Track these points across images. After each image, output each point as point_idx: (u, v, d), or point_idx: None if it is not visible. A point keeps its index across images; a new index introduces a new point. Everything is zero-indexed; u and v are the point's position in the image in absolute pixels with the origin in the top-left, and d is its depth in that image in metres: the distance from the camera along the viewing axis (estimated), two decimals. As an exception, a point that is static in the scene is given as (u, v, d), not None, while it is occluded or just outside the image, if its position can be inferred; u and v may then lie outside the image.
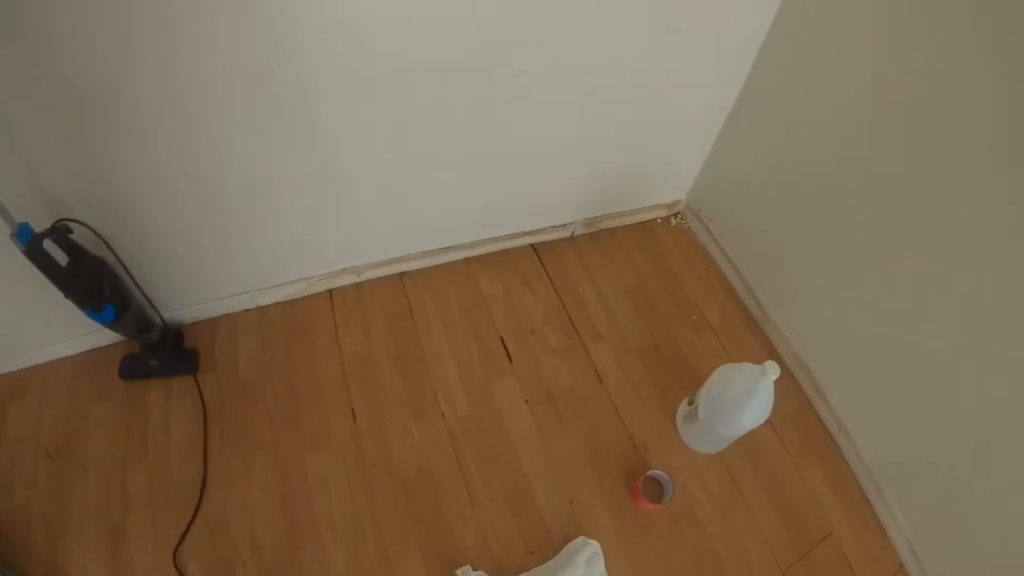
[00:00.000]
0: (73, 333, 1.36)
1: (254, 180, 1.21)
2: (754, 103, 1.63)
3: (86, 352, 1.41)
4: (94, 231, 1.08)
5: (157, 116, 1.01)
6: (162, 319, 1.34)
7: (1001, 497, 1.22)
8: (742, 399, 1.30)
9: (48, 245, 1.00)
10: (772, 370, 1.23)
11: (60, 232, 1.02)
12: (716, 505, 1.44)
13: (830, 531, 1.46)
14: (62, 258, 1.05)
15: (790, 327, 1.71)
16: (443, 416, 1.43)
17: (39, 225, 0.99)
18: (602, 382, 1.56)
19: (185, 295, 1.42)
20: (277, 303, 1.55)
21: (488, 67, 1.20)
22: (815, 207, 1.53)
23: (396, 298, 1.62)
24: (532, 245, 1.80)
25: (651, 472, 1.40)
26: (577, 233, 1.86)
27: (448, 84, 1.19)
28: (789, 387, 1.68)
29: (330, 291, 1.60)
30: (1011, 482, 1.19)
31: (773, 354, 1.74)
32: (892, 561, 1.46)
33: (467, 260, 1.72)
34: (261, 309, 1.54)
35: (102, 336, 1.38)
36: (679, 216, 2.03)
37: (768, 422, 1.51)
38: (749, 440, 1.49)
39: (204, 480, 1.28)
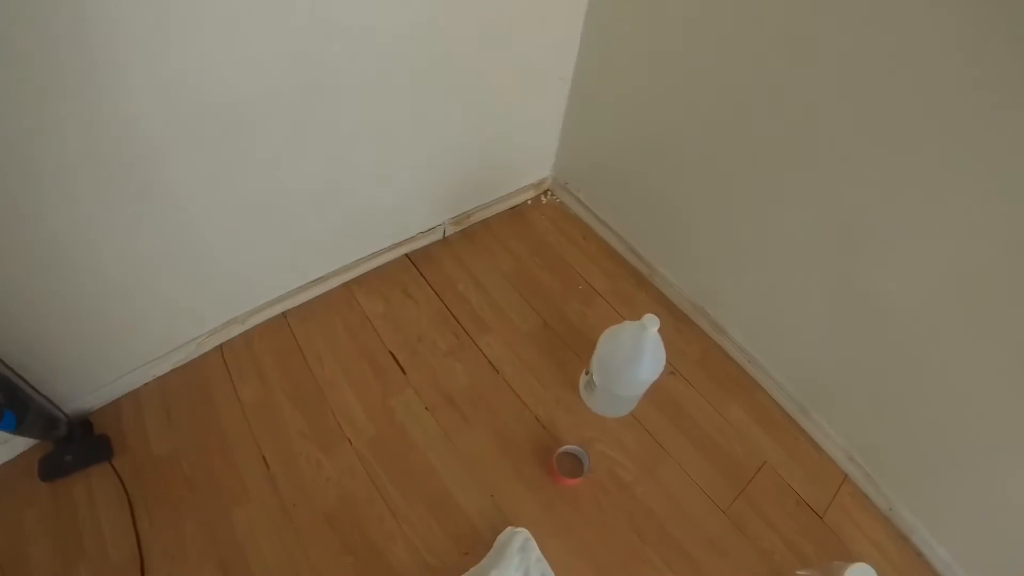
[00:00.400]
0: None
1: (117, 257, 1.22)
2: (592, 66, 1.69)
3: (2, 465, 1.39)
4: None
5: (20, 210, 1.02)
6: (65, 414, 1.34)
7: (921, 382, 1.28)
8: (632, 357, 1.36)
9: None
10: (651, 323, 1.29)
11: None
12: (639, 464, 1.50)
13: (763, 461, 1.54)
14: None
15: (678, 275, 1.80)
16: (350, 442, 1.46)
17: None
18: (498, 372, 1.62)
19: (83, 384, 1.41)
20: (173, 369, 1.55)
21: (314, 90, 1.23)
22: (674, 154, 1.59)
23: (283, 338, 1.64)
24: (406, 254, 1.85)
25: (564, 448, 1.45)
26: (448, 232, 1.90)
27: (281, 116, 1.22)
28: (690, 333, 1.78)
29: (220, 346, 1.61)
30: (926, 369, 1.26)
31: (667, 304, 1.83)
32: (835, 473, 1.56)
33: (345, 284, 1.75)
34: (159, 380, 1.54)
35: (14, 445, 1.36)
36: (548, 192, 2.10)
37: (676, 372, 1.63)
38: (659, 393, 1.58)
39: (141, 561, 1.28)
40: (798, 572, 1.37)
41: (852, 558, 1.22)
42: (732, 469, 1.52)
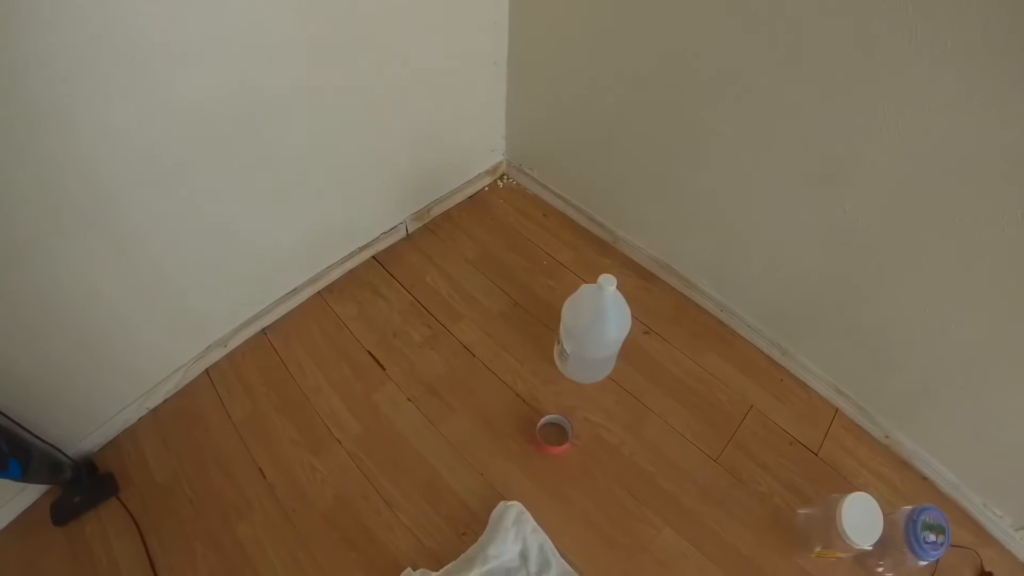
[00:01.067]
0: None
1: (95, 302, 1.31)
2: (523, 46, 1.77)
3: (17, 517, 1.46)
4: None
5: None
6: (69, 458, 1.41)
7: (895, 301, 1.31)
8: (595, 320, 1.43)
9: None
10: (607, 282, 1.35)
11: None
12: (624, 425, 1.56)
13: (750, 406, 1.60)
14: None
15: (640, 236, 1.87)
16: (339, 442, 1.54)
17: None
18: (474, 356, 1.70)
19: (81, 427, 1.49)
20: (165, 400, 1.63)
21: (255, 113, 1.31)
22: (616, 119, 1.65)
23: (265, 353, 1.72)
24: (373, 256, 1.92)
25: (545, 418, 1.53)
26: (411, 229, 1.98)
27: (227, 142, 1.30)
28: (659, 291, 1.86)
29: (207, 370, 1.69)
30: (895, 286, 1.29)
31: (633, 266, 1.91)
32: (824, 409, 1.61)
33: (318, 293, 1.83)
34: (152, 412, 1.62)
35: (26, 495, 1.44)
36: (505, 176, 2.17)
37: (650, 330, 1.70)
38: (636, 353, 1.66)
39: (158, 588, 1.37)
40: (799, 511, 1.42)
41: (854, 490, 1.25)
42: (718, 418, 1.57)
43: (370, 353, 1.70)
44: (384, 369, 1.67)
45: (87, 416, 1.49)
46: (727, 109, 1.36)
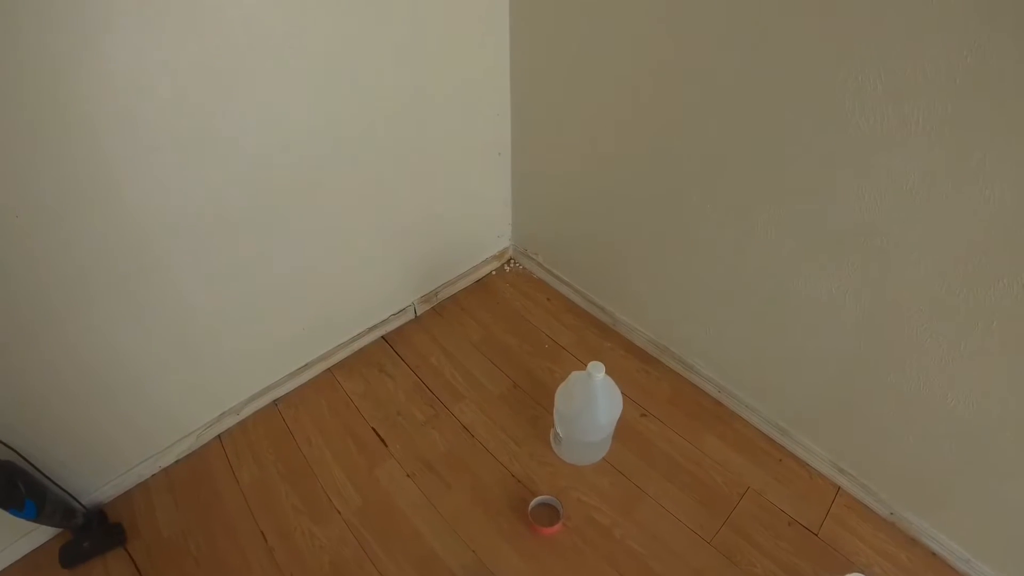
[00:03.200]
0: (9, 541, 1.59)
1: (123, 364, 1.53)
2: (526, 137, 2.01)
3: (27, 554, 1.63)
4: (5, 444, 1.35)
5: (21, 330, 1.32)
6: (82, 505, 1.59)
7: (894, 381, 1.39)
8: (586, 405, 1.57)
9: None
10: (596, 369, 1.51)
11: None
12: (617, 507, 1.66)
13: (747, 487, 1.69)
14: None
15: (638, 319, 2.04)
16: (339, 512, 1.69)
17: None
18: (473, 436, 1.86)
19: (97, 478, 1.68)
20: (177, 460, 1.82)
21: (280, 195, 1.57)
22: (617, 207, 1.84)
23: (275, 423, 1.91)
24: (382, 336, 2.13)
25: (537, 499, 1.65)
26: (419, 311, 2.19)
27: (250, 230, 1.56)
28: (658, 373, 2.01)
29: (219, 435, 1.88)
30: (895, 368, 1.37)
31: (632, 349, 2.08)
32: (826, 488, 1.69)
33: (328, 369, 2.04)
34: (165, 470, 1.80)
35: (37, 535, 1.62)
36: (511, 261, 2.39)
37: (647, 413, 1.83)
38: (631, 436, 1.80)
39: (156, 637, 1.52)
40: None
41: (856, 571, 1.31)
42: (714, 500, 1.66)
43: (374, 430, 1.88)
44: (386, 445, 1.84)
45: (103, 468, 1.68)
46: (718, 194, 1.53)
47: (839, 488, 1.68)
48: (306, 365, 1.97)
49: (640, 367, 2.03)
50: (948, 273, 1.17)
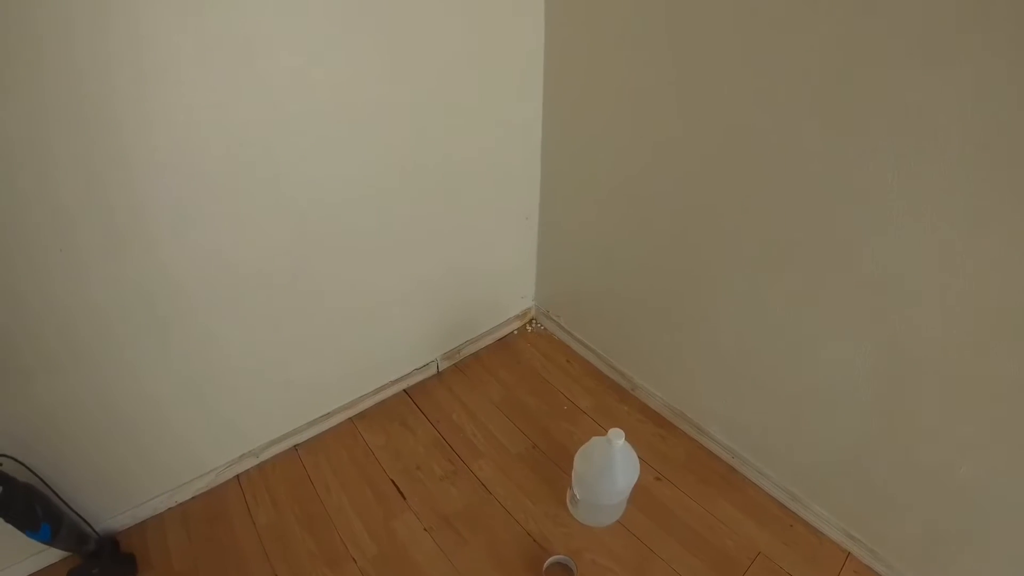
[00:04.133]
0: (18, 559, 1.62)
1: (149, 400, 1.60)
2: (554, 203, 2.11)
3: (35, 573, 1.66)
4: (22, 463, 1.41)
5: (51, 358, 1.39)
6: (96, 531, 1.63)
7: (903, 449, 1.43)
8: (605, 469, 1.62)
9: None
10: (616, 436, 1.56)
11: None
12: (630, 569, 1.68)
13: (757, 552, 1.71)
14: None
15: (656, 384, 2.09)
16: (354, 560, 1.72)
17: None
18: (491, 493, 1.89)
19: (113, 507, 1.72)
20: (194, 496, 1.87)
21: (309, 255, 1.68)
22: (641, 273, 1.92)
23: (294, 468, 1.96)
24: (404, 390, 2.20)
25: (551, 559, 1.68)
26: (442, 367, 2.26)
27: (283, 285, 1.66)
28: (673, 438, 2.05)
29: (237, 476, 1.93)
30: (908, 442, 1.42)
31: (649, 414, 2.12)
32: (835, 553, 1.71)
33: (349, 419, 2.09)
34: (181, 505, 1.85)
35: (47, 555, 1.65)
36: (533, 321, 2.47)
37: (661, 477, 1.87)
38: (646, 499, 1.83)
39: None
40: None
41: None
42: (724, 564, 1.68)
43: (393, 481, 1.92)
44: (405, 498, 1.88)
45: (120, 497, 1.74)
46: (737, 266, 1.60)
47: (848, 554, 1.70)
48: (328, 414, 2.03)
49: (656, 431, 2.08)
50: (965, 347, 1.23)
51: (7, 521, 1.34)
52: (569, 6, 1.71)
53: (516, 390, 2.22)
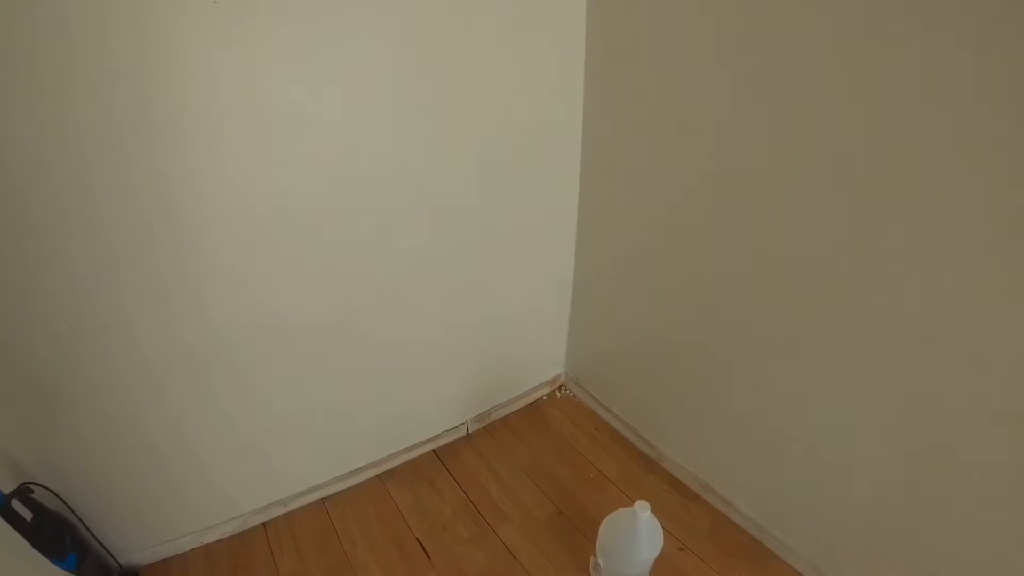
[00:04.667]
0: None
1: (183, 445, 1.68)
2: (589, 273, 2.17)
3: None
4: (53, 492, 1.47)
5: (95, 394, 1.48)
6: (119, 564, 1.68)
7: (931, 530, 1.44)
8: (630, 540, 1.63)
9: (15, 503, 1.36)
10: (642, 508, 1.58)
11: (24, 493, 1.39)
12: None
13: None
14: (27, 514, 1.39)
15: (683, 455, 2.10)
16: (377, 618, 1.75)
17: (6, 487, 1.36)
18: (515, 558, 1.91)
19: (138, 541, 1.77)
20: (220, 539, 1.91)
21: (350, 315, 1.77)
22: (671, 345, 1.96)
23: (321, 520, 2.00)
24: (434, 450, 2.24)
25: None
26: (472, 430, 2.31)
27: (324, 341, 1.75)
28: (699, 509, 2.05)
29: (264, 523, 1.97)
30: (931, 512, 1.42)
31: (675, 484, 2.12)
32: None
33: (378, 476, 2.14)
34: (206, 546, 1.90)
35: None
36: (562, 388, 2.51)
37: (685, 548, 1.87)
38: (668, 569, 1.82)
39: None
40: None
41: None
42: None
43: (419, 541, 1.95)
44: (430, 558, 1.90)
45: (146, 533, 1.79)
46: (767, 340, 1.64)
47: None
48: (358, 469, 2.08)
49: (681, 502, 2.08)
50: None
51: (35, 548, 1.39)
52: (605, 94, 1.84)
53: (544, 456, 2.24)
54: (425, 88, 1.58)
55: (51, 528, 1.45)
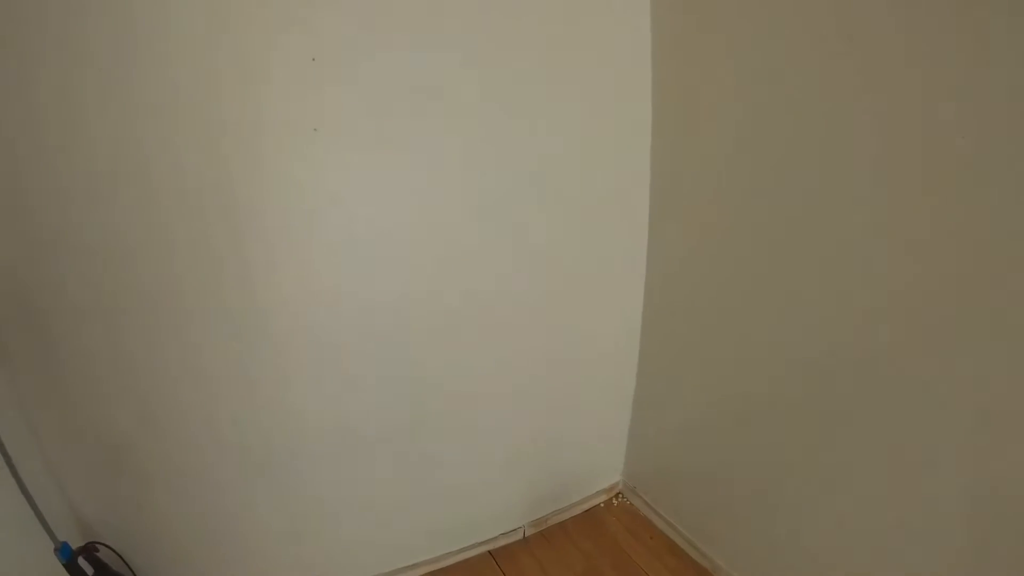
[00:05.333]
0: None
1: (243, 531, 1.85)
2: (651, 383, 2.28)
3: None
4: (117, 553, 1.63)
5: (171, 467, 1.67)
6: None
7: None
8: None
9: (81, 560, 1.52)
10: None
11: (90, 551, 1.55)
12: None
13: None
14: (89, 570, 1.54)
15: (739, 567, 2.09)
16: None
17: (74, 543, 1.52)
18: (563, 662, 1.96)
19: None
20: None
21: (412, 425, 1.93)
22: (730, 455, 1.99)
23: (373, 611, 2.09)
24: (489, 551, 2.32)
25: None
26: (528, 533, 2.38)
27: (389, 442, 1.91)
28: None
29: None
30: None
31: (730, 595, 2.11)
32: None
33: (432, 573, 2.23)
34: None
35: None
36: (620, 495, 2.56)
37: None
38: None
39: None
40: None
41: None
42: None
43: (470, 639, 2.01)
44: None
45: None
46: (842, 458, 1.62)
47: None
48: (412, 565, 2.19)
49: (736, 616, 2.07)
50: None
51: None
52: (671, 228, 2.04)
53: (598, 563, 2.28)
54: (499, 228, 1.84)
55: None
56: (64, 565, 1.51)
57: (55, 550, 1.49)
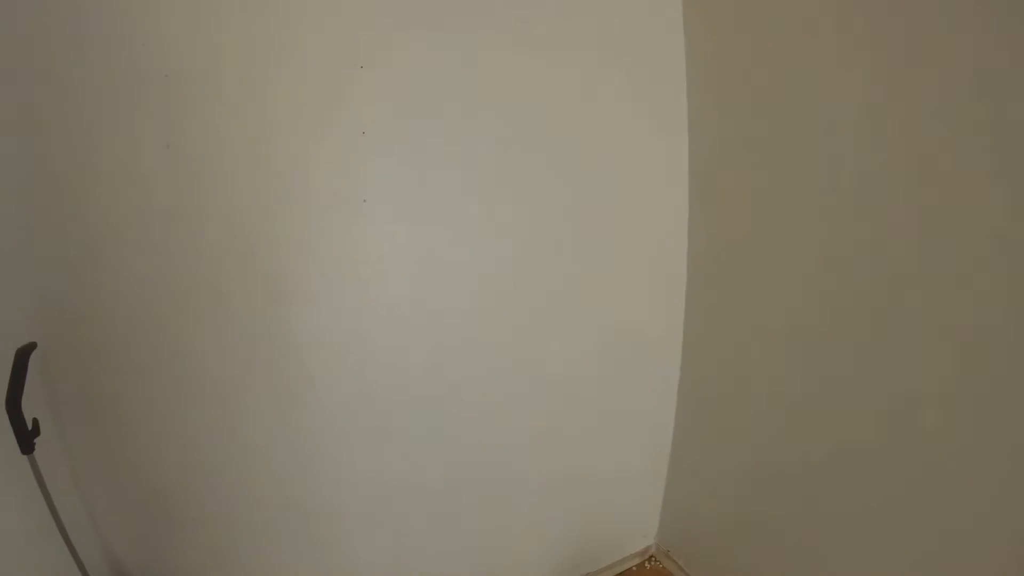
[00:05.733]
0: None
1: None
2: (686, 449, 2.29)
3: None
4: None
5: (207, 517, 1.71)
6: None
7: None
8: None
9: None
10: None
11: None
12: None
13: None
14: None
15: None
16: None
17: None
18: None
19: None
20: None
21: (446, 486, 1.96)
22: (766, 525, 2.00)
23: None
24: (522, 612, 2.30)
25: None
26: (560, 596, 2.36)
27: (418, 507, 1.94)
28: None
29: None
30: None
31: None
32: None
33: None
34: None
35: None
36: (653, 559, 2.53)
37: None
38: None
39: None
40: None
41: None
42: None
43: None
44: None
45: None
46: (875, 534, 1.62)
47: None
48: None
49: None
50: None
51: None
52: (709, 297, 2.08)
53: (631, 628, 2.25)
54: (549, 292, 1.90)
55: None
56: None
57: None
